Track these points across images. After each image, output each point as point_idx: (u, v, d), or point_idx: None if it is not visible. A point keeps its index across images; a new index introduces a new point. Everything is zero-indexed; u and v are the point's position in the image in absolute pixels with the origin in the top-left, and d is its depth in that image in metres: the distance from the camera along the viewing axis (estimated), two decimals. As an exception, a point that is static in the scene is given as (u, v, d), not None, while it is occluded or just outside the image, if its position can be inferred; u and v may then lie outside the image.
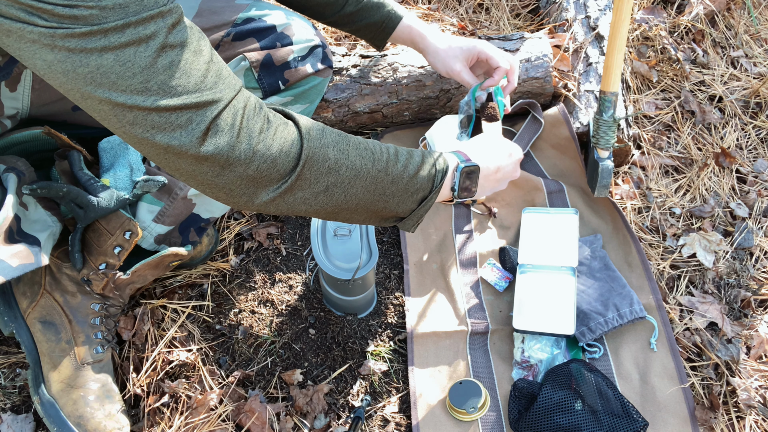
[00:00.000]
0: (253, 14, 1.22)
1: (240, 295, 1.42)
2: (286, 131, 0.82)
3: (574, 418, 1.19)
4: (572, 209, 1.51)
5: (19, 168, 1.12)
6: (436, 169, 0.97)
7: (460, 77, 1.36)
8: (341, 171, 0.86)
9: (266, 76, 1.22)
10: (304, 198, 0.86)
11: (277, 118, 0.83)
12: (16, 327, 1.22)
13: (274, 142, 0.80)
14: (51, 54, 0.69)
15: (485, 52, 1.35)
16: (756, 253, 1.55)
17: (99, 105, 0.73)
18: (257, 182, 0.81)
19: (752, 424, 1.27)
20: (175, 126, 0.74)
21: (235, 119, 0.78)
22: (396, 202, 0.94)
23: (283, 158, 0.81)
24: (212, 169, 0.79)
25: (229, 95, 0.78)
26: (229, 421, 1.24)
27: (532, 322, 1.32)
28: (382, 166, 0.90)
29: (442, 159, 0.99)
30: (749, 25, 2.07)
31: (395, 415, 1.28)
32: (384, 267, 1.48)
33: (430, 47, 1.36)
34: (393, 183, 0.92)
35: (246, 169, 0.79)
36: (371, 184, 0.90)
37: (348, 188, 0.88)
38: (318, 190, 0.86)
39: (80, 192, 1.14)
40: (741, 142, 1.80)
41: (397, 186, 0.92)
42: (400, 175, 0.92)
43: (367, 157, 0.89)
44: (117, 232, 1.21)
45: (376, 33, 1.37)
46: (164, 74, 0.72)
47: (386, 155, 0.92)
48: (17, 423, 1.24)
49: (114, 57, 0.70)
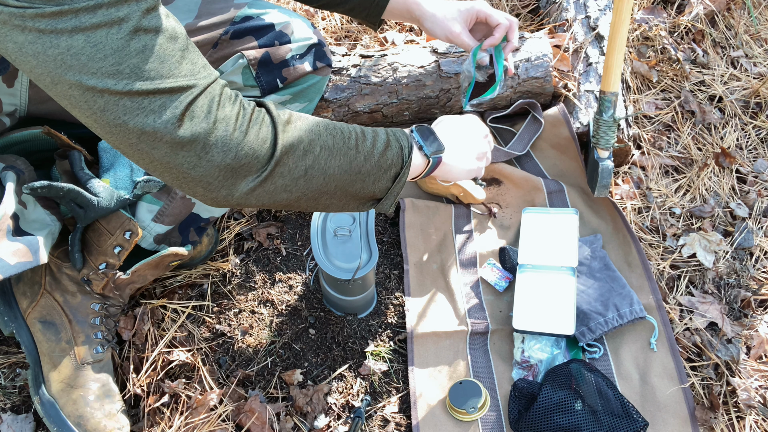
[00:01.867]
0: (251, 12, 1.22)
1: (240, 295, 1.42)
2: (260, 118, 0.81)
3: (574, 418, 1.19)
4: (572, 209, 1.51)
5: (18, 166, 1.12)
6: (401, 144, 0.96)
7: (460, 39, 1.34)
8: (316, 151, 0.85)
9: (264, 74, 1.22)
10: (285, 185, 0.84)
11: (251, 106, 0.82)
12: (16, 327, 1.22)
13: (251, 129, 0.79)
14: (21, 35, 0.68)
15: (484, 11, 1.34)
16: (756, 253, 1.55)
17: (69, 90, 0.71)
18: (236, 172, 0.79)
19: (752, 424, 1.27)
20: (149, 111, 0.72)
21: (212, 106, 0.76)
22: (372, 180, 0.93)
23: (260, 145, 0.80)
24: (189, 159, 0.76)
25: (204, 82, 0.76)
26: (229, 421, 1.24)
27: (532, 322, 1.32)
28: (352, 143, 0.90)
29: (402, 134, 0.99)
30: (749, 25, 2.07)
31: (395, 415, 1.28)
32: (384, 267, 1.48)
33: (426, 13, 1.33)
34: (366, 160, 0.91)
35: (224, 158, 0.77)
36: (346, 163, 0.89)
37: (325, 169, 0.87)
38: (297, 175, 0.85)
39: (80, 192, 1.14)
40: (741, 142, 1.80)
41: (370, 163, 0.92)
42: (370, 151, 0.92)
43: (337, 136, 0.89)
44: (117, 232, 1.21)
45: (371, 8, 1.34)
46: (137, 57, 0.71)
47: (354, 133, 0.92)
48: (17, 423, 1.24)
49: (85, 38, 0.68)
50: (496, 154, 1.61)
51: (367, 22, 1.37)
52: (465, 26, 1.34)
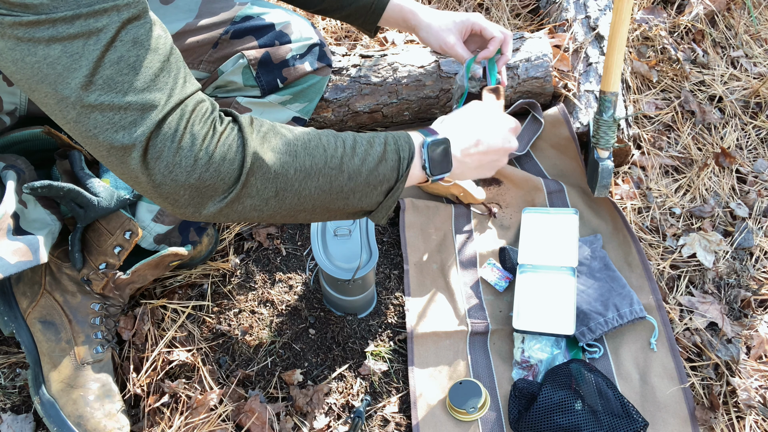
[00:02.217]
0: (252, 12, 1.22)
1: (240, 295, 1.42)
2: (230, 138, 0.79)
3: (574, 418, 1.19)
4: (572, 209, 1.51)
5: (18, 166, 1.12)
6: (400, 156, 0.91)
7: (454, 50, 1.34)
8: (289, 174, 0.82)
9: (264, 74, 1.22)
10: (254, 205, 0.82)
11: (224, 125, 0.79)
12: (16, 327, 1.22)
13: (217, 150, 0.77)
14: (1, 42, 0.68)
15: (479, 24, 1.34)
16: (756, 253, 1.55)
17: (45, 98, 0.71)
18: (201, 192, 0.78)
19: (752, 424, 1.27)
20: (118, 127, 0.72)
21: (179, 124, 0.75)
22: (358, 197, 0.89)
23: (227, 167, 0.78)
24: (155, 176, 0.75)
25: (177, 98, 0.75)
26: (229, 421, 1.24)
27: (532, 322, 1.32)
28: (335, 163, 0.85)
29: (406, 143, 0.93)
30: (749, 25, 2.07)
31: (395, 415, 1.28)
32: (384, 267, 1.48)
33: (422, 22, 1.34)
34: (350, 179, 0.87)
35: (188, 178, 0.76)
36: (325, 183, 0.85)
37: (300, 191, 0.84)
38: (267, 196, 0.82)
39: (80, 191, 1.14)
40: (741, 142, 1.80)
41: (355, 182, 0.87)
42: (357, 170, 0.87)
43: (318, 155, 0.84)
44: (117, 232, 1.21)
45: (367, 16, 1.34)
46: (111, 69, 0.70)
47: (341, 150, 0.86)
48: (17, 423, 1.24)
49: (62, 48, 0.68)
50: (496, 154, 1.61)
51: (363, 29, 1.37)
52: (459, 38, 1.35)
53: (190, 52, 1.22)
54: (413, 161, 0.93)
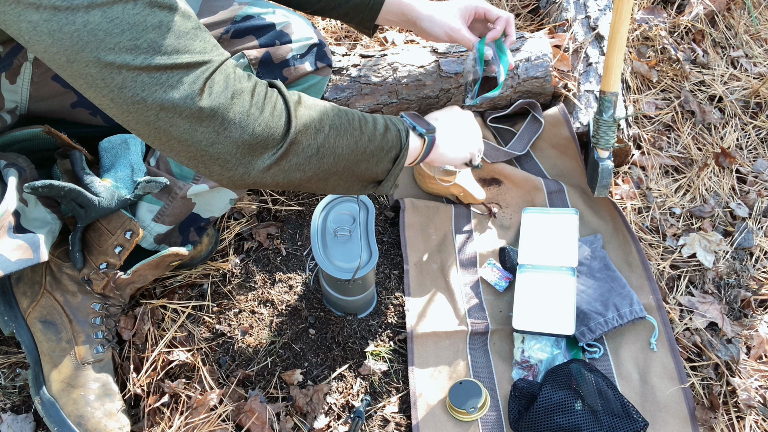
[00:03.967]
0: (252, 12, 1.22)
1: (240, 295, 1.42)
2: (274, 96, 0.82)
3: (574, 418, 1.20)
4: (572, 209, 1.51)
5: (19, 164, 1.12)
6: (398, 128, 1.00)
7: (461, 35, 1.33)
8: (326, 130, 0.87)
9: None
10: (299, 163, 0.85)
11: (265, 84, 0.83)
12: (16, 327, 1.22)
13: (266, 106, 0.80)
14: (36, 14, 0.67)
15: (482, 7, 1.34)
16: (756, 253, 1.55)
17: (86, 68, 0.71)
18: (253, 149, 0.80)
19: (752, 424, 1.27)
20: (167, 86, 0.73)
21: (228, 81, 0.77)
22: (375, 161, 0.96)
23: (276, 121, 0.81)
24: (207, 136, 0.77)
25: (219, 59, 0.77)
26: (229, 421, 1.24)
27: (532, 322, 1.32)
28: (356, 124, 0.93)
29: (397, 120, 1.02)
30: (749, 25, 2.07)
31: (395, 415, 1.28)
32: (384, 267, 1.48)
33: (423, 14, 1.33)
34: (370, 141, 0.94)
35: (242, 134, 0.78)
36: (353, 142, 0.92)
37: (335, 148, 0.89)
38: (310, 154, 0.86)
39: (81, 191, 1.14)
40: (741, 142, 1.80)
41: (374, 144, 0.94)
42: (372, 133, 0.95)
43: (343, 117, 0.91)
44: (118, 232, 1.21)
45: (365, 13, 1.33)
46: (154, 33, 0.71)
47: (357, 116, 0.94)
48: (17, 423, 1.24)
49: (101, 14, 0.68)
50: (496, 154, 1.61)
51: (361, 27, 1.36)
52: (465, 23, 1.35)
53: None
54: (410, 134, 1.02)
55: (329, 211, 1.27)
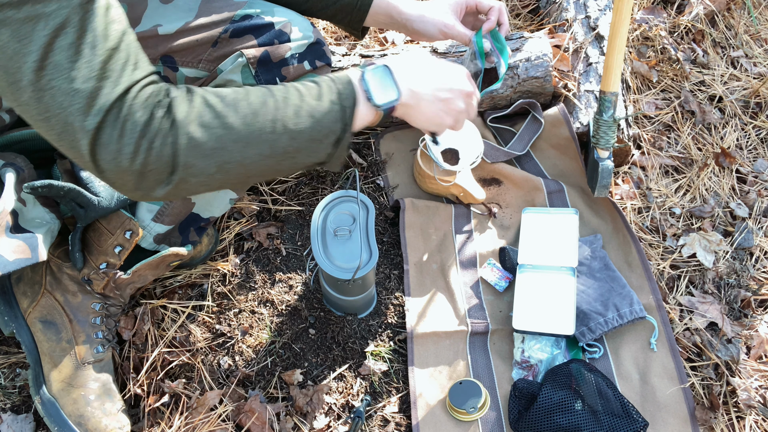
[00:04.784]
0: (251, 11, 1.22)
1: (240, 295, 1.42)
2: (167, 123, 0.78)
3: (574, 418, 1.20)
4: (572, 209, 1.51)
5: (18, 164, 1.12)
6: (342, 105, 0.88)
7: (455, 30, 1.32)
8: (228, 147, 0.81)
9: (263, 73, 1.22)
10: (201, 182, 0.82)
11: (163, 109, 0.79)
12: (16, 327, 1.22)
13: (156, 136, 0.77)
14: None
15: None
16: (756, 253, 1.55)
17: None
18: (147, 177, 0.78)
19: (752, 424, 1.27)
20: (68, 112, 0.72)
21: (123, 112, 0.75)
22: (305, 155, 0.88)
23: (167, 152, 0.78)
24: (100, 163, 0.76)
25: (124, 85, 0.75)
26: (229, 421, 1.24)
27: (532, 322, 1.32)
28: (272, 127, 0.84)
29: (346, 88, 0.89)
30: (749, 25, 2.07)
31: (395, 415, 1.28)
32: (384, 267, 1.48)
33: (412, 15, 1.30)
34: (293, 139, 0.85)
35: (132, 165, 0.76)
36: (266, 148, 0.84)
37: (243, 160, 0.83)
38: (211, 172, 0.82)
39: (81, 191, 1.14)
40: (741, 142, 1.80)
41: (298, 141, 0.86)
42: (296, 129, 0.85)
43: (254, 124, 0.83)
44: (117, 232, 1.21)
45: (352, 15, 1.31)
46: (61, 55, 0.70)
47: (279, 113, 0.85)
48: (17, 423, 1.24)
49: (10, 33, 0.68)
50: (496, 154, 1.61)
51: (350, 29, 1.36)
52: (458, 18, 1.34)
53: (190, 51, 1.22)
54: (358, 105, 0.90)
55: (329, 211, 1.27)
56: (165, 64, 1.23)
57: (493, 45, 1.35)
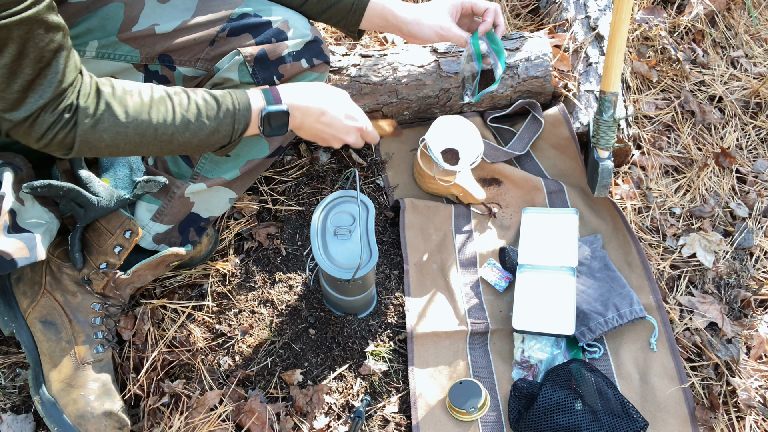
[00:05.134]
0: (248, 9, 1.22)
1: (240, 295, 1.42)
2: (69, 126, 0.94)
3: (574, 418, 1.20)
4: (572, 209, 1.51)
5: (16, 163, 1.12)
6: (234, 128, 1.08)
7: (452, 33, 1.32)
8: (120, 146, 1.00)
9: (261, 70, 1.22)
10: (95, 153, 1.01)
11: (71, 112, 0.94)
12: (16, 327, 1.22)
13: (56, 136, 0.95)
14: None
15: (468, 1, 1.33)
16: (756, 253, 1.55)
17: None
18: (48, 147, 0.97)
19: (752, 424, 1.27)
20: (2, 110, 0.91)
21: (40, 116, 0.92)
22: (189, 152, 1.09)
23: (65, 145, 0.96)
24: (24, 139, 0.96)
25: (49, 96, 0.90)
26: (229, 421, 1.24)
27: (532, 322, 1.32)
28: (165, 138, 1.03)
29: (243, 117, 1.08)
30: (749, 25, 2.07)
31: (395, 415, 1.28)
32: (384, 267, 1.48)
33: (407, 19, 1.31)
34: (180, 146, 1.05)
35: (37, 144, 0.95)
36: (156, 149, 1.04)
37: (131, 152, 1.03)
38: (102, 154, 1.01)
39: (80, 191, 1.14)
40: (741, 142, 1.80)
41: (185, 148, 1.06)
42: (188, 141, 1.05)
43: (148, 134, 1.01)
44: (117, 232, 1.21)
45: (348, 18, 1.31)
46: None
47: (172, 128, 1.02)
48: (17, 423, 1.24)
49: None
50: (496, 154, 1.61)
51: (347, 31, 1.35)
52: (454, 20, 1.34)
53: (187, 50, 1.22)
54: (248, 128, 1.10)
55: (329, 211, 1.27)
56: (163, 63, 1.23)
57: (489, 46, 1.35)
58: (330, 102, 1.17)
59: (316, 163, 1.62)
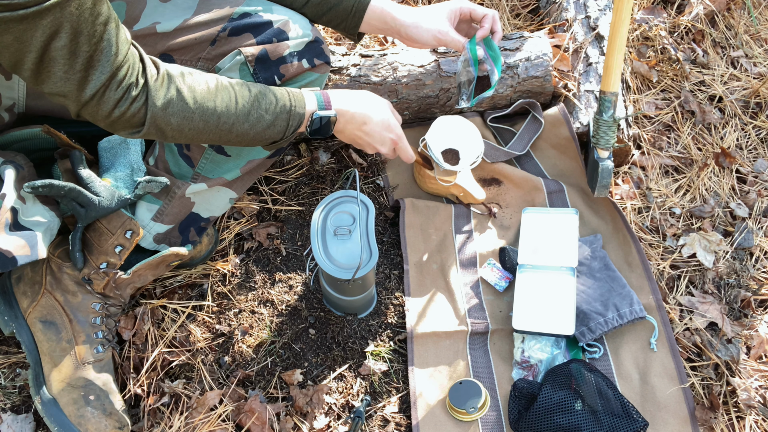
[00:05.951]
0: (249, 9, 1.22)
1: (240, 295, 1.42)
2: (137, 105, 0.97)
3: (574, 418, 1.20)
4: (572, 209, 1.51)
5: (17, 162, 1.12)
6: (289, 124, 1.13)
7: (449, 37, 1.32)
8: (184, 131, 1.04)
9: (262, 70, 1.22)
10: (161, 137, 1.05)
11: (138, 90, 0.97)
12: (16, 327, 1.22)
13: (127, 112, 0.97)
14: None
15: (467, 6, 1.34)
16: (756, 253, 1.55)
17: (8, 66, 0.89)
18: (117, 128, 1.01)
19: (752, 424, 1.27)
20: (66, 90, 0.92)
21: (105, 92, 0.94)
22: (245, 143, 1.14)
23: (134, 122, 1.00)
24: (92, 116, 0.98)
25: (108, 73, 0.92)
26: (229, 421, 1.24)
27: (532, 323, 1.32)
28: (226, 127, 1.08)
29: (298, 114, 1.14)
30: (749, 25, 2.07)
31: (395, 415, 1.28)
32: (384, 267, 1.48)
33: (406, 22, 1.31)
34: (238, 137, 1.11)
35: (106, 119, 0.98)
36: (215, 138, 1.09)
37: (191, 139, 1.07)
38: (168, 137, 1.05)
39: (81, 191, 1.14)
40: (741, 142, 1.80)
41: (242, 139, 1.12)
42: (245, 132, 1.10)
43: (211, 122, 1.06)
44: (118, 232, 1.21)
45: (348, 21, 1.32)
46: (56, 53, 0.86)
47: (233, 118, 1.07)
48: (17, 423, 1.24)
49: (13, 37, 0.81)
50: (496, 154, 1.61)
51: (347, 33, 1.36)
52: (452, 25, 1.34)
53: (188, 49, 1.22)
54: (300, 127, 1.16)
55: (329, 211, 1.27)
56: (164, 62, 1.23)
57: (486, 53, 1.35)
58: (374, 112, 1.23)
59: (316, 163, 1.61)
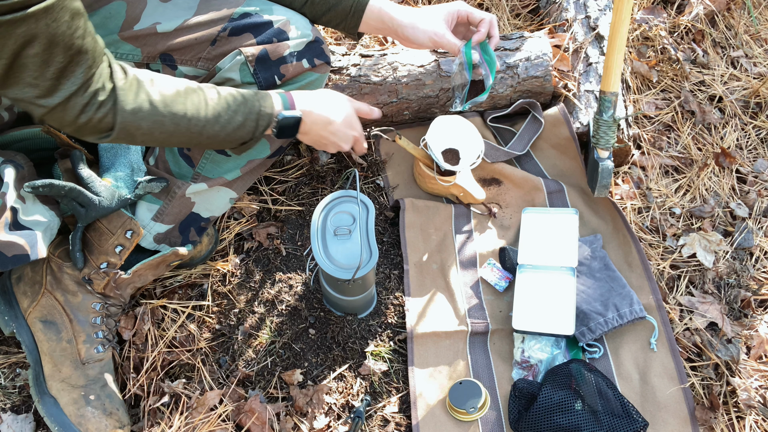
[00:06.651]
0: (250, 9, 1.22)
1: (240, 295, 1.42)
2: (104, 109, 0.97)
3: (574, 418, 1.20)
4: (572, 209, 1.51)
5: (17, 161, 1.12)
6: (258, 125, 1.13)
7: (445, 40, 1.32)
8: (154, 135, 1.04)
9: (262, 70, 1.22)
10: (128, 141, 1.05)
11: (105, 95, 0.97)
12: (16, 326, 1.22)
13: (93, 117, 0.97)
14: None
15: (464, 10, 1.34)
16: (756, 253, 1.55)
17: None
18: (85, 134, 1.01)
19: (752, 424, 1.27)
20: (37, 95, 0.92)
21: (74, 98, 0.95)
22: (215, 146, 1.15)
23: (101, 127, 0.99)
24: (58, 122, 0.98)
25: (80, 81, 0.93)
26: (229, 421, 1.24)
27: (532, 323, 1.32)
28: (197, 130, 1.08)
29: (266, 117, 1.13)
30: (749, 25, 2.07)
31: (395, 415, 1.28)
32: (384, 267, 1.48)
33: (404, 22, 1.31)
34: (209, 139, 1.10)
35: (72, 124, 0.97)
36: (185, 140, 1.09)
37: (162, 142, 1.07)
38: (138, 141, 1.05)
39: (82, 191, 1.14)
40: (741, 142, 1.80)
41: (213, 141, 1.12)
42: (216, 134, 1.10)
43: (182, 124, 1.06)
44: (118, 231, 1.21)
45: (347, 21, 1.32)
46: (29, 60, 0.86)
47: (203, 121, 1.07)
48: (17, 423, 1.24)
49: None
50: (496, 154, 1.61)
51: (347, 33, 1.36)
52: (449, 28, 1.34)
53: (188, 49, 1.22)
54: (267, 128, 1.16)
55: (329, 211, 1.27)
56: (164, 62, 1.23)
57: (481, 57, 1.35)
58: (337, 112, 1.22)
59: (316, 163, 1.62)
